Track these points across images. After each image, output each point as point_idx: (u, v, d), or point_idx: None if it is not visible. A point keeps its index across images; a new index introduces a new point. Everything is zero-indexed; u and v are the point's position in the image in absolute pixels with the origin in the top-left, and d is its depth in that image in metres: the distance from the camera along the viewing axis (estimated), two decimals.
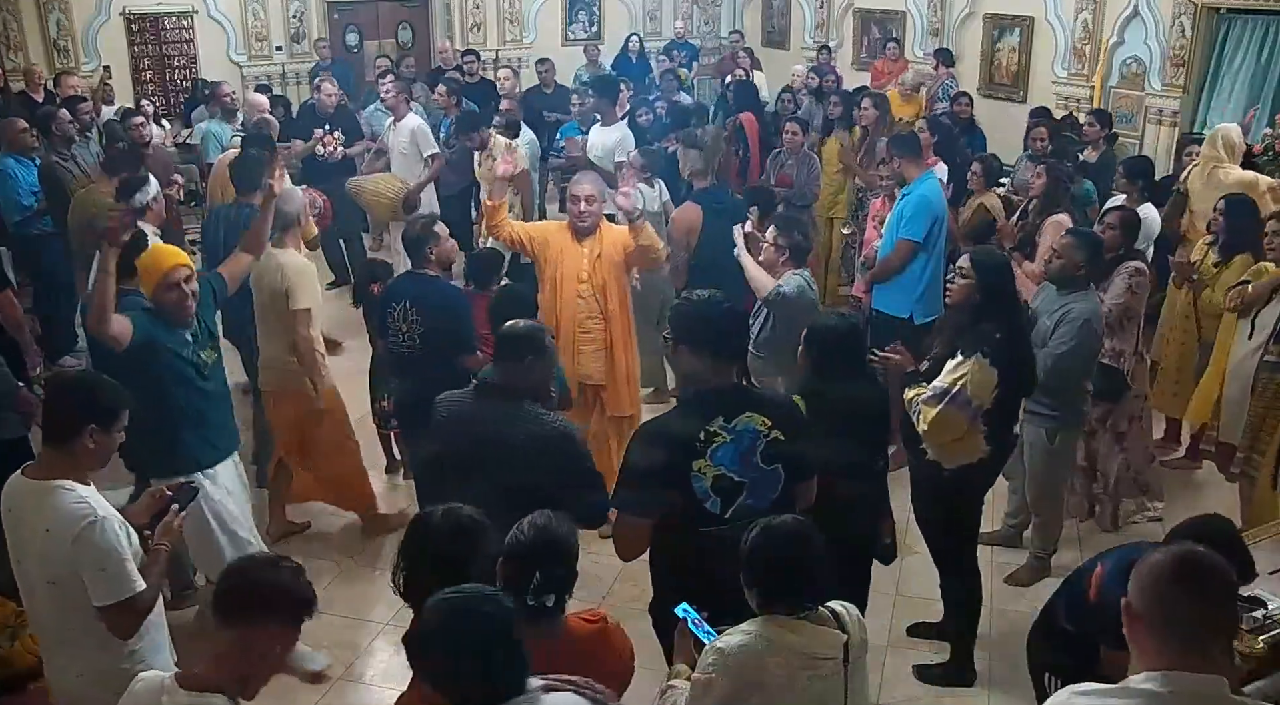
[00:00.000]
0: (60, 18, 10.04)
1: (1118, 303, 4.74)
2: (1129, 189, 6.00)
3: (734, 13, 13.80)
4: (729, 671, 2.43)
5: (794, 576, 2.49)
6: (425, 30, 12.37)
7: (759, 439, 2.93)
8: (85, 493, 2.79)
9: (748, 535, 2.55)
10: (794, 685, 2.45)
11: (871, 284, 5.96)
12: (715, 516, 2.90)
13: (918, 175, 5.67)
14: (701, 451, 2.89)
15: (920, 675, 4.11)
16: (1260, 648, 3.13)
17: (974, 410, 3.70)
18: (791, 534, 2.51)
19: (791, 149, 7.44)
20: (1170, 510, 5.04)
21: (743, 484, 2.91)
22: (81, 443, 2.79)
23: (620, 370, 4.98)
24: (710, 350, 2.99)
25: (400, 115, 7.55)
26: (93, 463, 2.87)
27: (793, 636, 2.47)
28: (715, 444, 2.90)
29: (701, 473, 2.89)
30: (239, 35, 11.11)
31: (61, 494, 2.76)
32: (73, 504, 2.75)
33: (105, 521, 2.75)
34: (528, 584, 2.44)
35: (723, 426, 2.90)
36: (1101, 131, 7.53)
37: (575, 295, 4.85)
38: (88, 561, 2.73)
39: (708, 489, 2.90)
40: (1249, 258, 5.11)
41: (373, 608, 4.58)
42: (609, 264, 4.85)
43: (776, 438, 2.94)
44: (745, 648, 2.45)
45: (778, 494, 2.97)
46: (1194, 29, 8.42)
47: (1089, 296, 4.40)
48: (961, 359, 3.73)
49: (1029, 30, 9.88)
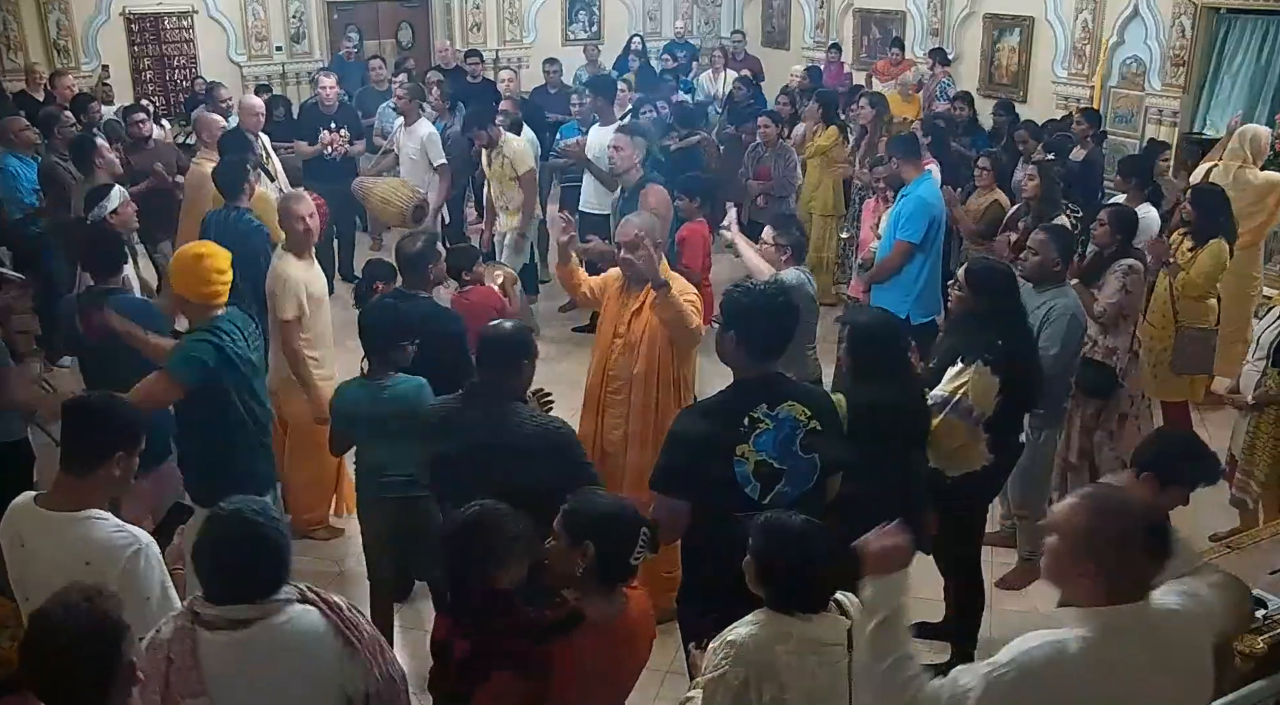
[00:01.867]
0: (60, 18, 10.04)
1: (1112, 302, 4.74)
2: (1125, 188, 6.02)
3: (734, 13, 13.79)
4: (742, 662, 2.46)
5: (803, 579, 2.52)
6: (425, 30, 12.36)
7: (799, 428, 2.97)
8: (118, 521, 2.68)
9: (755, 531, 2.56)
10: (803, 672, 2.48)
11: (869, 285, 5.97)
12: (753, 502, 2.92)
13: (916, 176, 5.67)
14: (745, 436, 2.93)
15: None
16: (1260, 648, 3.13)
17: (975, 418, 3.69)
18: (800, 535, 2.53)
19: (767, 142, 7.48)
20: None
21: (782, 471, 2.95)
22: (108, 469, 2.68)
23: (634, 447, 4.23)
24: (759, 340, 3.03)
25: (412, 120, 7.52)
26: (118, 488, 2.78)
27: (801, 625, 2.50)
28: (758, 430, 2.94)
29: (744, 457, 2.93)
30: (239, 35, 11.11)
31: (97, 525, 2.62)
32: (113, 533, 2.62)
33: (149, 547, 2.64)
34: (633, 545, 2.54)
35: (766, 413, 2.95)
36: (1090, 130, 7.52)
37: (609, 350, 4.28)
38: (136, 592, 2.55)
39: (749, 474, 2.93)
40: (1221, 242, 5.33)
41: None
42: (655, 326, 4.15)
43: (814, 428, 2.98)
44: (755, 637, 2.48)
45: (812, 484, 3.01)
46: (1194, 29, 8.42)
47: (1067, 291, 4.42)
48: (962, 367, 3.73)
49: (1029, 30, 9.88)
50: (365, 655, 2.29)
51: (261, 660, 2.23)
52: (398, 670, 2.39)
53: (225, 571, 2.25)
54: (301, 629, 2.25)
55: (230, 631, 2.23)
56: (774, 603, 2.54)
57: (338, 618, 2.29)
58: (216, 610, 2.24)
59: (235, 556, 2.24)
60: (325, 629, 2.28)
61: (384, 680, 2.32)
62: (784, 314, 3.10)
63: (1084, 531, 2.05)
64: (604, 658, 2.52)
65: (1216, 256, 5.35)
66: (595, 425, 4.32)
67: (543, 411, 3.45)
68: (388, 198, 6.96)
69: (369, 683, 2.29)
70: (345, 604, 2.35)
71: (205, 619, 2.24)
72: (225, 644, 2.23)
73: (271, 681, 2.25)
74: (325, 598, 2.33)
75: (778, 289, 3.21)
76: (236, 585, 2.24)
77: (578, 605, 2.55)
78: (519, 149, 7.06)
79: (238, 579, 2.24)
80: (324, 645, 2.27)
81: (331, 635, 2.28)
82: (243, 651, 2.22)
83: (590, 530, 2.54)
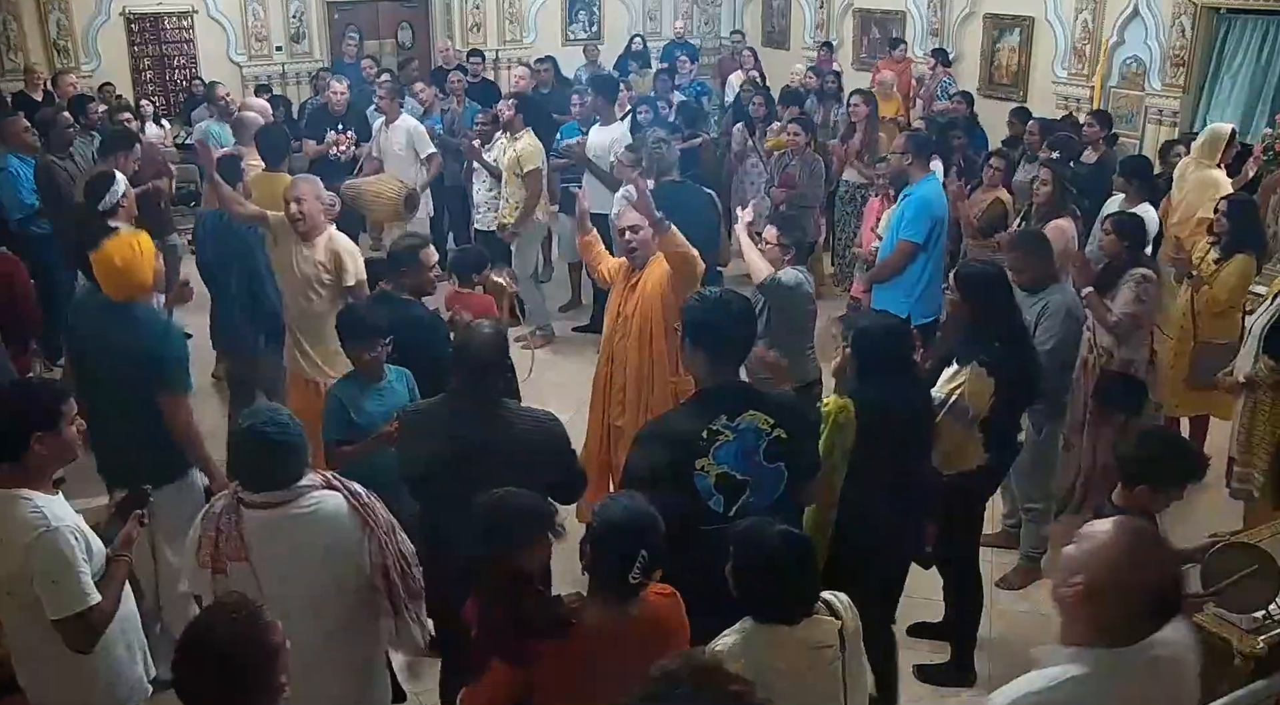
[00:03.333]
0: (60, 18, 10.04)
1: (1127, 312, 4.66)
2: (1126, 188, 6.01)
3: (734, 13, 13.79)
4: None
5: (782, 590, 2.49)
6: (425, 30, 12.35)
7: (761, 437, 2.94)
8: (43, 501, 2.71)
9: (734, 541, 2.54)
10: (796, 676, 2.46)
11: (870, 284, 5.97)
12: (719, 515, 2.91)
13: (921, 176, 5.67)
14: (705, 450, 2.91)
15: (920, 675, 4.12)
16: (1260, 648, 3.13)
17: (970, 419, 3.70)
18: (778, 546, 2.50)
19: (794, 150, 7.45)
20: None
21: (745, 482, 2.93)
22: (33, 452, 2.71)
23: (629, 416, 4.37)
24: (714, 349, 3.02)
25: (392, 117, 7.57)
26: (53, 465, 2.81)
27: (788, 630, 2.48)
28: (718, 442, 2.92)
29: (705, 471, 2.91)
30: (239, 35, 11.10)
31: (18, 503, 2.68)
32: (28, 513, 2.67)
33: (58, 531, 2.66)
34: (630, 564, 2.43)
35: (725, 425, 2.92)
36: (1101, 132, 7.52)
37: (612, 332, 4.47)
38: (40, 573, 2.65)
39: (711, 487, 2.92)
40: (1249, 257, 5.11)
41: None
42: (647, 301, 4.31)
43: (779, 436, 2.95)
44: (740, 645, 2.47)
45: (780, 492, 2.98)
46: (1194, 29, 8.42)
47: (1063, 288, 4.43)
48: (958, 368, 3.74)
49: (1029, 30, 9.88)
50: (380, 534, 2.69)
51: (292, 534, 2.66)
52: (409, 548, 2.79)
53: (251, 470, 2.71)
54: (327, 511, 2.68)
55: (267, 511, 2.67)
56: (755, 613, 2.52)
57: (357, 502, 2.71)
58: (254, 495, 2.68)
59: (257, 458, 2.69)
60: (346, 511, 2.70)
61: (395, 555, 2.72)
62: (741, 322, 3.10)
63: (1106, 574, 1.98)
64: (604, 662, 2.46)
65: (1243, 271, 5.10)
66: (603, 407, 4.46)
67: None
68: (378, 191, 6.96)
69: (384, 556, 2.69)
70: (364, 491, 2.76)
71: (246, 501, 2.68)
72: (263, 520, 2.66)
73: (300, 551, 2.66)
74: (347, 485, 2.75)
75: (734, 297, 3.16)
76: (263, 478, 2.69)
77: (573, 609, 2.51)
78: (531, 146, 7.06)
79: (263, 474, 2.69)
80: (345, 524, 2.69)
81: (351, 516, 2.70)
82: (277, 527, 2.66)
83: (594, 534, 2.51)
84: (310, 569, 2.68)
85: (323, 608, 2.71)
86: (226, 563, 2.65)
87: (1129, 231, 4.89)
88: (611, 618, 2.48)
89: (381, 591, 2.73)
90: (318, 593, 2.70)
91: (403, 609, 2.75)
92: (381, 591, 2.73)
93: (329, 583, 2.70)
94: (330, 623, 2.73)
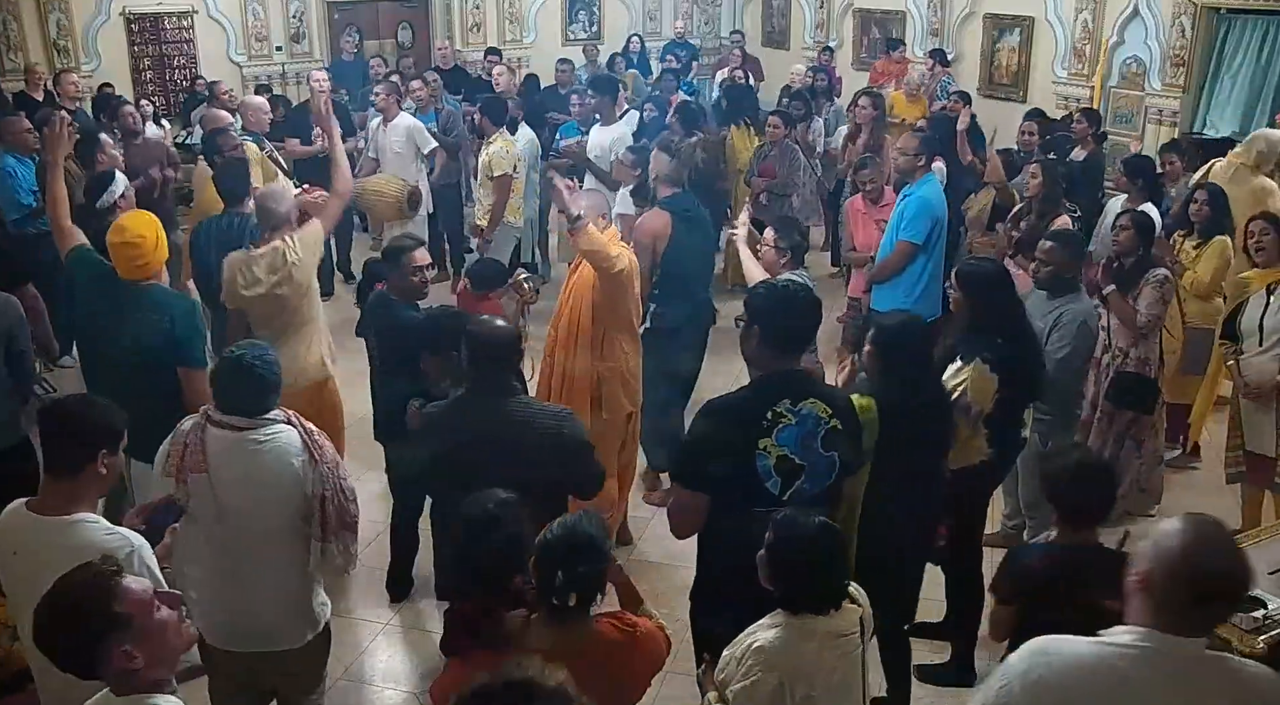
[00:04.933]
0: (60, 18, 10.03)
1: (1153, 314, 4.72)
2: (1129, 188, 6.01)
3: (734, 13, 13.80)
4: (773, 667, 2.47)
5: (816, 582, 2.53)
6: (425, 30, 12.36)
7: (820, 425, 2.97)
8: (109, 524, 2.69)
9: (771, 529, 2.58)
10: (825, 665, 2.50)
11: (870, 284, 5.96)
12: (773, 497, 2.92)
13: (921, 176, 5.67)
14: (768, 430, 2.93)
15: (920, 675, 4.10)
16: (1260, 648, 3.13)
17: (974, 415, 3.70)
18: (815, 537, 2.55)
19: (773, 141, 7.51)
20: (1169, 510, 5.05)
21: (803, 467, 2.95)
22: (94, 469, 2.70)
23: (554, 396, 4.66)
24: (783, 336, 3.06)
25: (391, 116, 7.54)
26: (104, 488, 2.80)
27: (822, 621, 2.53)
28: (781, 424, 2.94)
29: (767, 451, 2.93)
30: (239, 35, 11.10)
31: (89, 528, 2.63)
32: (106, 537, 2.63)
33: (142, 549, 2.66)
34: (552, 583, 2.47)
35: (789, 408, 2.95)
36: (1090, 129, 7.52)
37: (555, 317, 4.78)
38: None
39: (771, 468, 2.93)
40: (1226, 239, 5.34)
41: (373, 608, 4.58)
42: (579, 290, 4.64)
43: (835, 426, 2.99)
44: (783, 640, 2.50)
45: (831, 481, 3.02)
46: (1194, 29, 8.42)
47: (1080, 298, 4.41)
48: (961, 365, 3.74)
49: (1029, 30, 9.89)
50: (324, 468, 3.01)
51: (249, 457, 2.99)
52: (349, 486, 3.09)
53: (228, 392, 3.02)
54: (281, 442, 3.01)
55: (230, 432, 2.98)
56: (787, 603, 2.54)
57: (309, 439, 3.03)
58: (222, 416, 3.00)
59: (235, 383, 3.01)
60: (299, 445, 3.01)
61: (334, 490, 3.02)
62: (806, 310, 3.15)
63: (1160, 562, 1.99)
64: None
65: (1222, 253, 5.34)
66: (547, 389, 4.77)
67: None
68: (380, 190, 6.95)
69: (325, 488, 3.00)
70: (316, 430, 3.09)
71: (214, 420, 3.01)
72: (225, 439, 2.99)
73: (253, 472, 2.99)
74: (304, 424, 3.08)
75: (800, 286, 3.25)
76: (235, 402, 3.01)
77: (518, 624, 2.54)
78: (497, 151, 7.00)
79: (236, 398, 3.01)
80: (294, 454, 3.00)
81: (301, 449, 3.01)
82: (236, 447, 2.99)
83: (537, 552, 2.54)
84: (261, 488, 3.00)
85: (269, 520, 3.03)
86: (188, 474, 2.97)
87: (1147, 229, 4.94)
88: (550, 640, 2.45)
89: (315, 518, 3.03)
90: (267, 509, 3.02)
91: (330, 537, 3.05)
92: (315, 518, 3.03)
93: (275, 501, 3.02)
94: (275, 535, 3.05)
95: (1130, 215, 5.06)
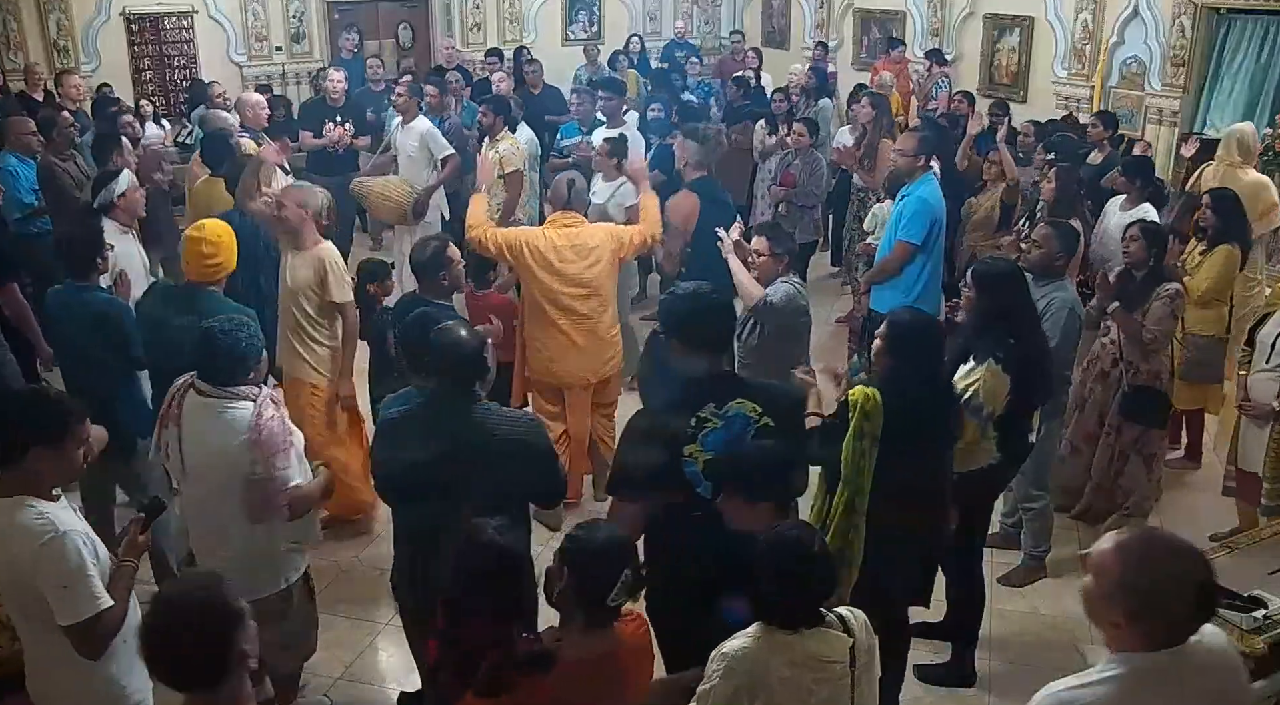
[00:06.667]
0: (60, 18, 10.03)
1: (1161, 328, 4.68)
2: (1128, 188, 6.00)
3: (734, 13, 13.80)
4: (731, 675, 2.44)
5: (786, 591, 2.49)
6: (425, 30, 12.36)
7: (749, 425, 3.00)
8: (47, 508, 2.69)
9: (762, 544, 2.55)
10: (798, 689, 2.45)
11: (869, 285, 5.96)
12: (707, 501, 2.95)
13: (920, 176, 5.66)
14: (693, 437, 2.97)
15: (920, 675, 4.11)
16: (1260, 648, 3.13)
17: (986, 416, 3.69)
18: (789, 546, 2.52)
19: (797, 149, 7.45)
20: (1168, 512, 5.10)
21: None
22: (30, 465, 2.69)
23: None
24: (699, 341, 3.10)
25: (410, 118, 7.51)
26: (50, 482, 2.76)
27: (797, 640, 2.47)
28: (706, 429, 2.98)
29: (693, 457, 2.97)
30: (239, 35, 11.10)
31: (23, 510, 2.66)
32: (33, 520, 2.65)
33: (67, 537, 2.65)
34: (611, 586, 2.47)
35: (714, 412, 2.99)
36: (1106, 133, 7.50)
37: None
38: (50, 579, 2.63)
39: (699, 474, 2.97)
40: (1233, 249, 5.21)
41: (373, 608, 4.57)
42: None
43: (766, 424, 3.01)
44: (747, 651, 2.46)
45: None
46: (1194, 29, 8.42)
47: (1065, 286, 4.45)
48: (974, 365, 3.73)
49: (1029, 30, 9.88)
50: (259, 451, 3.23)
51: (206, 420, 3.31)
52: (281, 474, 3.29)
53: (204, 362, 3.33)
54: (233, 416, 3.28)
55: (202, 397, 3.32)
56: (759, 613, 2.51)
57: (259, 422, 3.26)
58: (201, 384, 3.33)
59: (201, 350, 3.33)
60: (247, 423, 3.25)
61: (265, 470, 3.25)
62: (718, 312, 3.19)
63: (1116, 581, 1.99)
64: (582, 692, 2.46)
65: (1227, 261, 5.20)
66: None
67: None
68: (386, 194, 6.95)
69: (255, 466, 3.25)
70: (275, 415, 3.31)
71: (195, 386, 3.35)
72: (196, 403, 3.33)
73: (208, 438, 3.31)
74: (263, 408, 3.29)
75: (707, 289, 3.25)
76: (203, 369, 3.33)
77: (553, 645, 2.51)
78: (507, 149, 7.01)
79: (203, 365, 3.33)
80: (239, 431, 3.25)
81: (246, 428, 3.24)
82: (201, 411, 3.32)
83: (573, 559, 2.52)
84: (211, 455, 3.31)
85: (220, 483, 3.31)
86: (168, 423, 3.35)
87: (1158, 240, 4.87)
88: (589, 646, 2.50)
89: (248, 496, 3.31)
90: (218, 474, 3.31)
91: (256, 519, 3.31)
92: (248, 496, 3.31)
93: (225, 467, 3.29)
94: (230, 495, 3.30)
95: (1140, 225, 4.97)
